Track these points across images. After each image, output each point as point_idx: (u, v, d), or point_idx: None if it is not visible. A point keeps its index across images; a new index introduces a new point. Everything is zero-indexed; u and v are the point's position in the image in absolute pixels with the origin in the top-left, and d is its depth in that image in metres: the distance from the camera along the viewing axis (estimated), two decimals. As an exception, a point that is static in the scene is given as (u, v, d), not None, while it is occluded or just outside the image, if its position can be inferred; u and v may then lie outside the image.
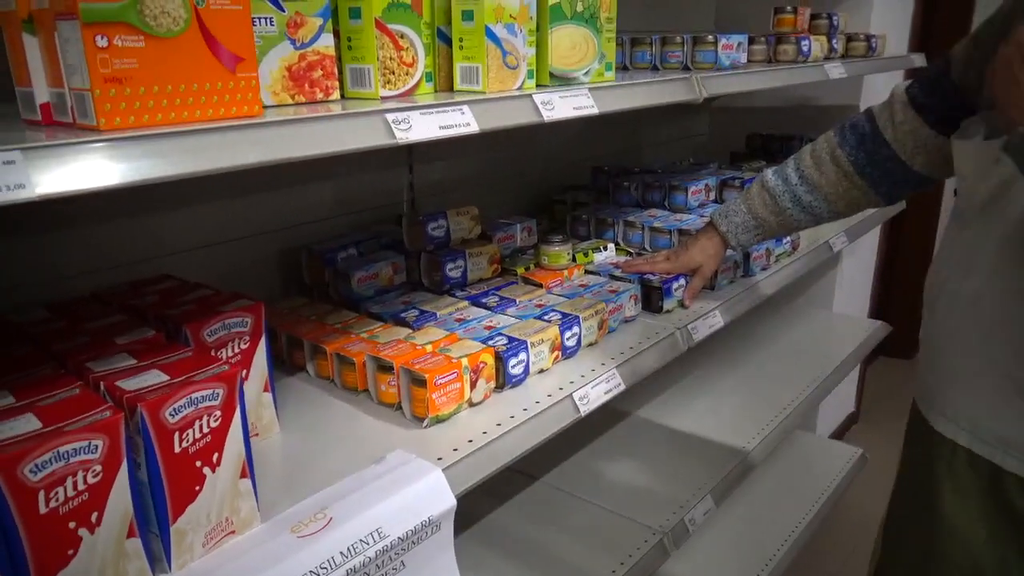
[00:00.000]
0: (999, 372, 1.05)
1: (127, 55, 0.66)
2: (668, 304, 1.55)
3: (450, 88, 1.08)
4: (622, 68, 1.67)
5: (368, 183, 1.74)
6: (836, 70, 1.85)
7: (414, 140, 0.84)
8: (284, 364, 1.33)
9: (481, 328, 1.31)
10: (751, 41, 1.90)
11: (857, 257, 3.04)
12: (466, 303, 1.44)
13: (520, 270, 1.58)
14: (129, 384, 0.82)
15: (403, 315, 1.37)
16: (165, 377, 0.84)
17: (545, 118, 1.01)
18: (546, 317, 1.35)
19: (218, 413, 0.85)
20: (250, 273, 1.53)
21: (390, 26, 0.94)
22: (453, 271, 1.50)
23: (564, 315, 1.35)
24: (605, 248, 1.74)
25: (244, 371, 1.05)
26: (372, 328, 1.33)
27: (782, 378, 2.41)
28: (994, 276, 1.04)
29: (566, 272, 1.58)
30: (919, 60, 2.43)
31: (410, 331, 1.30)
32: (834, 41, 2.07)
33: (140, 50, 0.67)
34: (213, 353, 1.01)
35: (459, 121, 0.90)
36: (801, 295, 3.00)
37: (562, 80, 1.14)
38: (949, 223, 1.18)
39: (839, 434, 3.38)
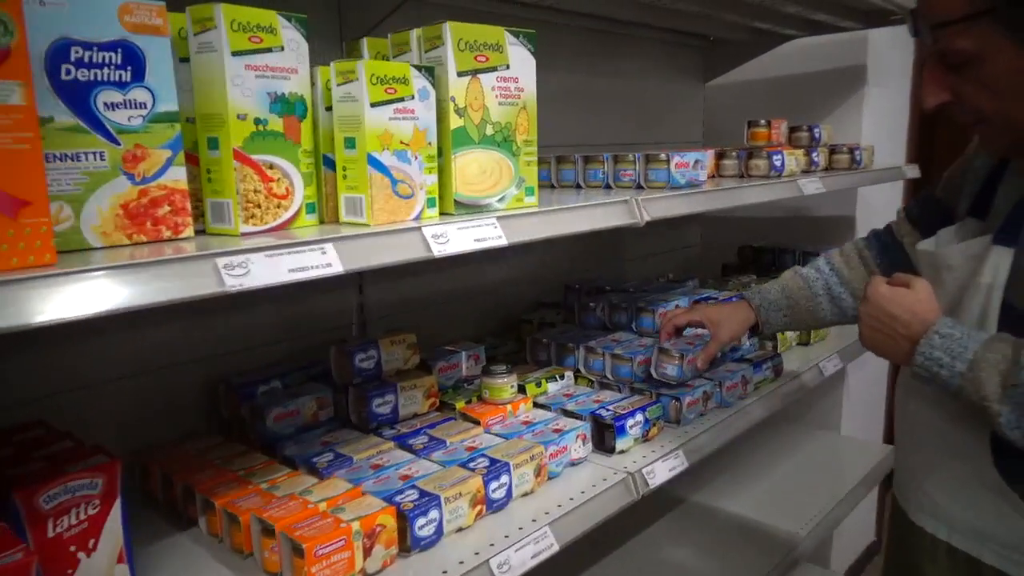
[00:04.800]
0: (970, 466, 1.09)
1: None
2: (622, 443, 1.39)
3: (339, 219, 0.98)
4: (575, 187, 1.58)
5: (311, 305, 1.64)
6: (812, 185, 1.74)
7: (250, 287, 0.73)
8: (180, 517, 1.19)
9: (396, 478, 1.17)
10: (721, 155, 1.81)
11: (864, 377, 2.84)
12: (392, 444, 1.30)
13: (459, 404, 1.44)
14: None
15: (315, 460, 1.23)
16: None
17: (435, 253, 0.90)
18: (472, 464, 1.20)
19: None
20: (172, 408, 1.41)
21: (254, 157, 0.85)
22: (381, 407, 1.36)
23: (492, 462, 1.20)
24: (561, 377, 1.60)
25: (92, 540, 0.92)
26: (277, 476, 1.19)
27: (787, 508, 2.20)
28: None
29: (510, 407, 1.43)
30: (911, 172, 2.33)
31: (315, 481, 1.16)
32: (814, 154, 1.97)
33: None
34: (51, 524, 0.87)
35: (317, 262, 0.79)
36: (804, 415, 2.80)
37: (471, 208, 1.04)
38: None
39: (858, 568, 3.08)
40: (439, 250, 0.90)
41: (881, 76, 2.64)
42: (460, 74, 0.99)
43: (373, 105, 0.89)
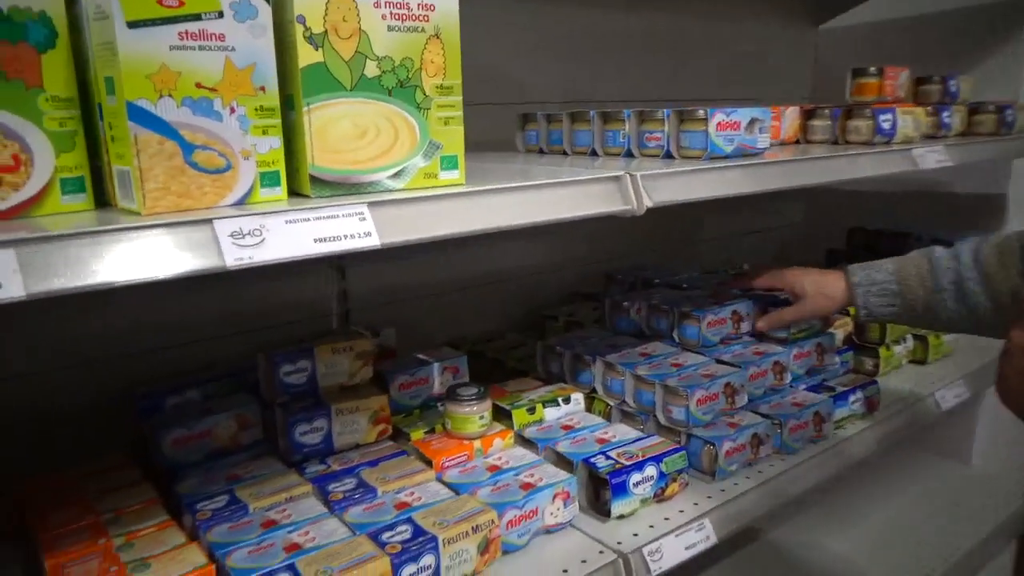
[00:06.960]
0: None
1: None
2: (621, 506, 1.02)
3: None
4: (591, 154, 1.20)
5: (277, 290, 1.36)
6: (932, 156, 1.27)
7: None
8: (36, 571, 0.94)
9: (280, 548, 0.87)
10: (809, 114, 1.37)
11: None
12: (309, 488, 1.00)
13: (416, 434, 1.12)
14: None
15: (198, 508, 0.95)
16: None
17: (229, 262, 0.57)
18: (387, 535, 0.88)
19: None
20: (90, 415, 1.18)
21: (-54, 106, 0.56)
22: (307, 436, 1.06)
23: (415, 534, 0.87)
24: (567, 400, 1.24)
25: None
26: (143, 528, 0.92)
27: (897, 559, 1.75)
28: None
29: (478, 443, 1.09)
30: (1088, 137, 1.75)
31: (181, 542, 0.88)
32: (944, 114, 1.47)
33: None
34: None
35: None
36: (923, 438, 2.27)
37: (342, 188, 0.70)
38: None
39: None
40: (239, 257, 0.57)
41: (1055, 12, 2.03)
42: (315, -20, 0.64)
43: (132, 25, 0.57)
